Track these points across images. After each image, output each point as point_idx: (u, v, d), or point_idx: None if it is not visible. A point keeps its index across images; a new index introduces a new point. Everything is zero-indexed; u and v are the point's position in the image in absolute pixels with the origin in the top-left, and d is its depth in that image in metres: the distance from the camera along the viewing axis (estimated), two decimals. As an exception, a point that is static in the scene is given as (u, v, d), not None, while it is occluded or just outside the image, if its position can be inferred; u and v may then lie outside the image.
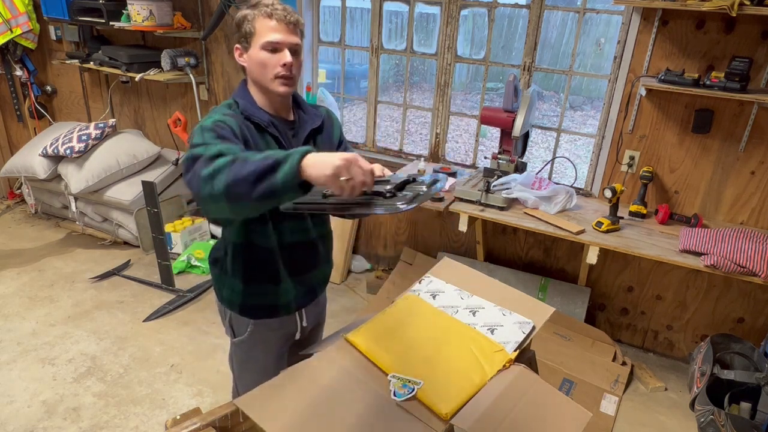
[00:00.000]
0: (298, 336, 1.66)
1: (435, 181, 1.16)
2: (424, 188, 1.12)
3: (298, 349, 1.67)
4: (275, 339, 1.60)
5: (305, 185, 1.06)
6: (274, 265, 1.49)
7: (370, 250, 3.75)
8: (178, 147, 4.00)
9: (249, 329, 1.57)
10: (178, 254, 3.69)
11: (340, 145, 1.61)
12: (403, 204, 1.06)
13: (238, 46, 1.39)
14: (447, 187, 2.84)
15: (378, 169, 1.28)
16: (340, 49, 3.55)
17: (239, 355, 1.64)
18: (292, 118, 1.49)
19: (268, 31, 1.32)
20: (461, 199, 2.72)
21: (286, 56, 1.33)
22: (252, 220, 1.42)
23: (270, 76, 1.35)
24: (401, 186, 1.14)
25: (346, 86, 4.85)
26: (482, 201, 2.66)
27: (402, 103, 3.52)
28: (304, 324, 1.65)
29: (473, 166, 3.36)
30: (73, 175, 3.65)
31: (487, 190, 2.65)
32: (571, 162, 3.20)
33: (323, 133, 1.54)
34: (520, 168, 2.90)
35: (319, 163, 1.02)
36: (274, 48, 1.33)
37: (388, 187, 1.10)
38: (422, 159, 3.35)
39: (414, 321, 1.38)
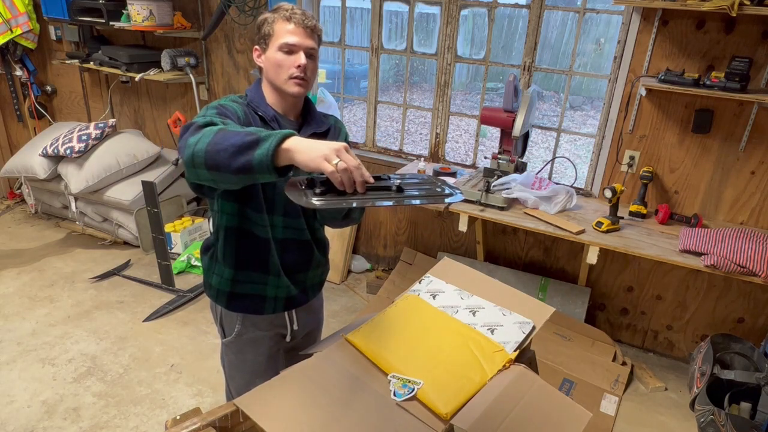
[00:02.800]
0: (288, 339, 1.65)
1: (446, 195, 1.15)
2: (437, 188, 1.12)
3: (292, 353, 1.66)
4: (265, 340, 1.60)
5: (283, 169, 1.06)
6: (264, 255, 1.49)
7: (370, 250, 3.75)
8: (178, 147, 4.00)
9: (237, 328, 1.57)
10: (178, 254, 3.69)
11: None
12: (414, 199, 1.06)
13: (257, 47, 1.44)
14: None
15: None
16: (340, 49, 3.55)
17: (229, 355, 1.64)
18: (299, 120, 1.51)
19: (285, 33, 1.37)
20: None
21: (301, 58, 1.37)
22: (247, 207, 1.43)
23: (284, 76, 1.39)
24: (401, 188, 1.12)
25: (346, 86, 4.86)
26: (482, 201, 2.66)
27: (402, 103, 3.52)
28: (295, 327, 1.64)
29: (473, 166, 3.36)
30: (73, 175, 3.65)
31: (487, 190, 2.65)
32: (571, 162, 3.20)
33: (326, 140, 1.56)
34: (520, 168, 2.90)
35: (306, 149, 1.03)
36: (289, 49, 1.37)
37: (397, 182, 1.09)
38: (422, 159, 3.35)
39: (414, 321, 1.38)
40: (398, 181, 1.10)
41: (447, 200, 1.12)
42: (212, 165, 1.09)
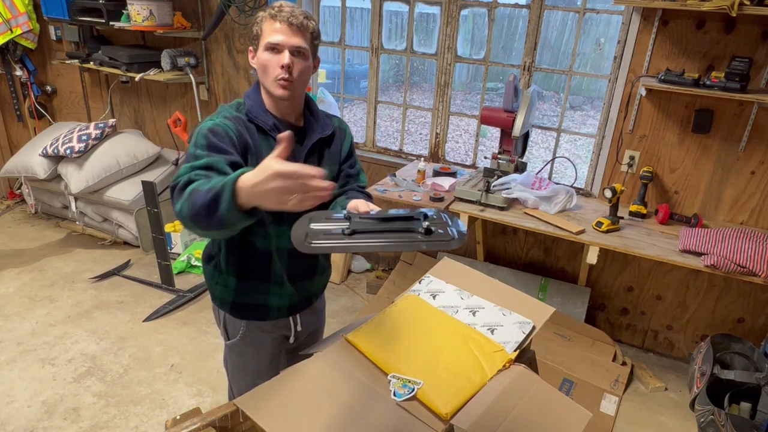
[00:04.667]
0: (292, 340, 1.65)
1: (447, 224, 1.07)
2: (445, 224, 1.04)
3: (294, 353, 1.66)
4: (268, 342, 1.60)
5: (252, 210, 1.03)
6: (267, 267, 1.48)
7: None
8: (178, 147, 4.00)
9: (241, 332, 1.57)
10: (178, 254, 3.69)
11: (348, 159, 1.57)
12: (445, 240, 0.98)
13: (251, 48, 1.38)
14: (447, 187, 2.84)
15: (363, 205, 1.21)
16: (340, 49, 3.55)
17: (233, 357, 1.64)
18: (301, 124, 1.46)
19: (271, 32, 1.30)
20: (461, 199, 2.72)
21: (284, 58, 1.30)
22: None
23: (270, 78, 1.33)
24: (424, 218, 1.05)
25: (346, 86, 4.86)
26: (482, 201, 2.66)
27: (402, 103, 3.52)
28: (299, 328, 1.64)
29: (473, 166, 3.36)
30: (73, 175, 3.65)
31: (487, 190, 2.65)
32: (571, 162, 3.20)
33: (332, 145, 1.51)
34: (520, 168, 2.90)
35: (252, 188, 0.96)
36: (274, 49, 1.31)
37: (425, 224, 1.01)
38: (422, 159, 3.35)
39: (414, 321, 1.38)
40: (426, 224, 1.01)
41: (424, 246, 1.01)
42: (202, 229, 1.11)
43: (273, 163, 0.93)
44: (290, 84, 1.33)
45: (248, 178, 0.97)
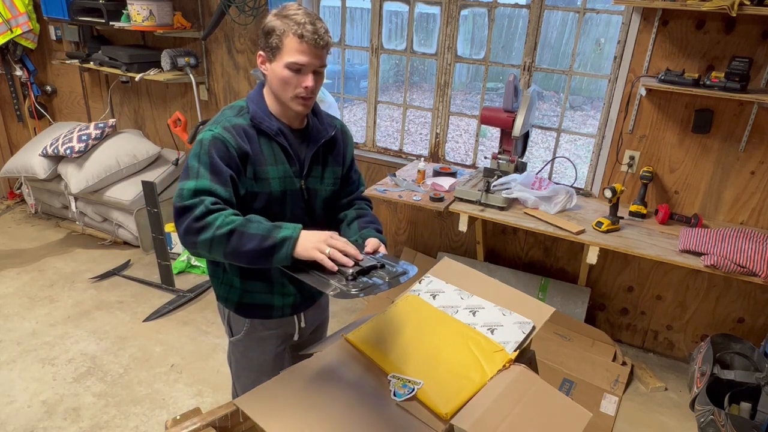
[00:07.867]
0: (296, 337, 1.65)
1: (402, 274, 1.21)
2: (385, 281, 1.17)
3: (299, 349, 1.67)
4: (272, 338, 1.61)
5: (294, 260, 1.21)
6: (270, 271, 1.49)
7: (370, 250, 3.74)
8: (178, 147, 4.00)
9: (245, 328, 1.57)
10: (178, 254, 3.69)
11: (351, 164, 1.60)
12: (355, 290, 1.12)
13: (261, 53, 1.36)
14: (447, 187, 2.84)
15: (370, 245, 1.36)
16: (340, 49, 3.55)
17: (237, 353, 1.65)
18: (304, 125, 1.47)
19: (294, 52, 1.29)
20: (461, 199, 2.72)
21: (309, 80, 1.31)
22: None
23: (290, 95, 1.34)
24: (367, 270, 1.19)
25: (346, 86, 4.86)
26: (482, 201, 2.66)
27: (402, 103, 3.52)
28: (303, 325, 1.65)
29: (473, 166, 3.36)
30: (73, 175, 3.65)
31: (487, 190, 2.65)
32: (571, 162, 3.20)
33: (335, 148, 1.53)
34: (520, 168, 2.90)
35: (303, 247, 1.20)
36: (298, 69, 1.31)
37: (350, 271, 1.16)
38: (422, 159, 3.35)
39: (414, 321, 1.38)
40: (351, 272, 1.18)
41: (402, 279, 1.21)
42: (232, 262, 1.27)
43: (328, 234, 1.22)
44: (310, 101, 1.37)
45: (302, 235, 1.22)
